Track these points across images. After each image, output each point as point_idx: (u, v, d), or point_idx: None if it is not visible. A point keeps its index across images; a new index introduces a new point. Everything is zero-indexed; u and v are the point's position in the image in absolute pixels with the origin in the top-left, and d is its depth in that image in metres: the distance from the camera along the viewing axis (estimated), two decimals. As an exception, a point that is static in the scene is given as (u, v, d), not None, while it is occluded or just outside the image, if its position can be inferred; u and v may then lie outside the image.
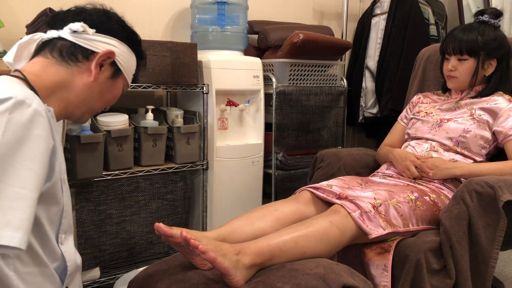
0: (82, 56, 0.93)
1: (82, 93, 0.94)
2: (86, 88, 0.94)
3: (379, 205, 1.24)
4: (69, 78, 0.92)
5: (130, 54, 1.01)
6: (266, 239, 1.09)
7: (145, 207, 1.85)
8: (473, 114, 1.51)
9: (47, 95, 0.89)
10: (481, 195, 1.19)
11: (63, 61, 0.92)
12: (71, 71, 0.92)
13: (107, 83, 0.97)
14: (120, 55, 0.97)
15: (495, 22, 1.55)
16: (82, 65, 0.93)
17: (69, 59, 0.92)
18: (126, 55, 0.99)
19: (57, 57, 0.92)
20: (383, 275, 1.20)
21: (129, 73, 1.02)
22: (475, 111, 1.52)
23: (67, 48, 0.92)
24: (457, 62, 1.54)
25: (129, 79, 1.03)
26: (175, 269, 1.11)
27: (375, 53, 2.73)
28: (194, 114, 1.98)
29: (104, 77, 0.96)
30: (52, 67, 0.91)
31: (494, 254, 1.16)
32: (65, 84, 0.92)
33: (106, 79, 0.96)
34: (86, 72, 0.93)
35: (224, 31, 2.15)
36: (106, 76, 0.96)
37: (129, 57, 1.01)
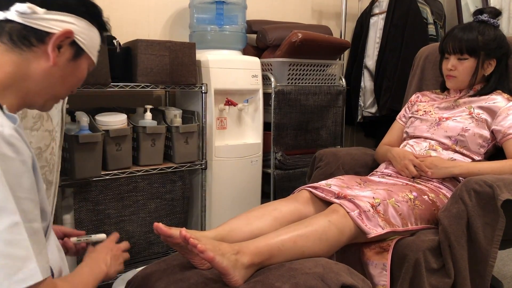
0: (36, 40, 0.81)
1: (42, 80, 0.84)
2: (46, 74, 0.83)
3: (378, 205, 1.24)
4: (25, 65, 0.81)
5: (91, 29, 0.88)
6: (265, 238, 1.09)
7: (143, 206, 1.85)
8: (471, 113, 1.51)
9: (2, 89, 0.80)
10: (479, 194, 1.19)
11: (15, 47, 0.81)
12: (25, 57, 0.81)
13: (69, 66, 0.86)
14: (80, 33, 0.85)
15: (495, 22, 1.55)
16: (38, 49, 0.82)
17: (22, 44, 0.81)
18: (87, 31, 0.87)
19: (7, 42, 0.81)
20: (382, 275, 1.20)
21: (93, 51, 0.90)
22: (473, 109, 1.52)
23: (18, 32, 0.81)
24: (457, 62, 1.54)
25: (94, 57, 0.92)
26: (173, 269, 1.11)
27: (374, 53, 2.73)
28: (192, 113, 1.98)
29: (65, 59, 0.85)
30: (2, 55, 0.81)
31: (493, 253, 1.16)
32: (21, 73, 0.82)
33: (67, 62, 0.86)
34: (43, 57, 0.82)
35: (223, 31, 2.14)
36: (66, 58, 0.85)
37: (91, 33, 0.88)
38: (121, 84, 1.73)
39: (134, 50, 1.78)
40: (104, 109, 1.80)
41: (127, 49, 1.81)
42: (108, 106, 1.89)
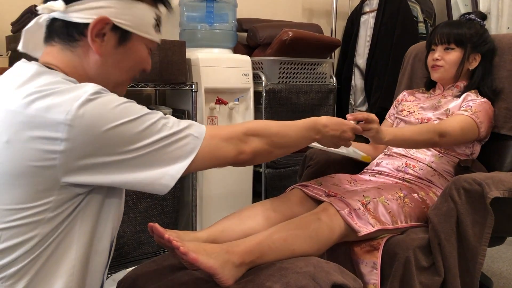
0: (77, 34, 0.80)
1: (97, 72, 0.83)
2: (98, 66, 0.82)
3: (368, 203, 1.24)
4: (79, 61, 0.82)
5: (135, 5, 0.82)
6: (255, 237, 1.09)
7: (133, 206, 1.83)
8: (448, 115, 1.52)
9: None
10: (469, 192, 1.20)
11: (66, 45, 0.81)
12: (76, 54, 0.81)
13: (118, 52, 0.83)
14: (119, 15, 0.80)
15: (481, 21, 1.59)
16: (83, 43, 0.80)
17: (68, 41, 0.81)
18: (128, 10, 0.81)
19: (58, 42, 0.81)
20: (372, 273, 1.20)
21: (143, 28, 0.84)
22: (449, 111, 1.52)
23: (61, 29, 0.81)
24: (443, 52, 1.56)
25: (147, 34, 0.85)
26: (164, 269, 1.10)
27: (365, 51, 2.73)
28: (183, 112, 1.97)
29: (111, 46, 0.82)
30: (59, 55, 0.81)
31: (482, 251, 1.17)
32: (79, 68, 0.82)
33: (115, 48, 0.82)
34: (90, 50, 0.81)
35: (213, 29, 2.13)
36: (112, 44, 0.82)
37: (135, 10, 0.82)
38: (110, 83, 1.71)
39: (124, 49, 1.76)
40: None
41: (116, 47, 1.79)
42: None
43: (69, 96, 0.71)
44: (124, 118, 0.74)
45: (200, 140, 0.81)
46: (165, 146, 0.77)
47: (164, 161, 0.77)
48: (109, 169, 0.74)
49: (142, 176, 0.76)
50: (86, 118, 0.70)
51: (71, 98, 0.71)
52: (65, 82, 0.76)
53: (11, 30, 1.81)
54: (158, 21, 0.88)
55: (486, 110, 1.47)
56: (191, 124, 0.82)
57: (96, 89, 0.74)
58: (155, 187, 0.77)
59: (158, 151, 0.76)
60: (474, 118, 1.43)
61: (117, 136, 0.73)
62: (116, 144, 0.73)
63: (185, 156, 0.79)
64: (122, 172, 0.75)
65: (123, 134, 0.73)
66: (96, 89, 0.74)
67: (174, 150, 0.78)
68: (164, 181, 0.77)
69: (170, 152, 0.78)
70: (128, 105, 0.76)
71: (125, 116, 0.74)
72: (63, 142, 0.70)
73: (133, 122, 0.75)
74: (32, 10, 1.65)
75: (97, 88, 0.74)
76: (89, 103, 0.71)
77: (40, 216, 0.73)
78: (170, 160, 0.78)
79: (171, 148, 0.78)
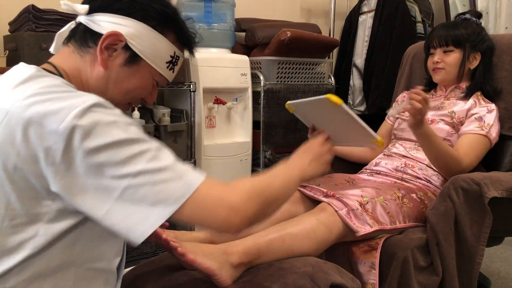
0: (91, 41, 0.81)
1: (97, 84, 0.82)
2: (99, 78, 0.82)
3: (366, 203, 1.24)
4: (84, 68, 0.81)
5: (155, 36, 0.83)
6: (253, 237, 1.08)
7: (132, 206, 1.83)
8: (453, 118, 1.52)
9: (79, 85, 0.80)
10: (467, 192, 1.20)
11: (78, 49, 0.81)
12: (85, 59, 0.81)
13: (122, 71, 0.83)
14: (135, 37, 0.81)
15: (477, 20, 1.60)
16: (94, 51, 0.81)
17: (81, 46, 0.81)
18: (147, 37, 0.82)
19: (74, 44, 0.82)
20: (370, 273, 1.20)
21: (156, 59, 0.84)
22: (455, 114, 1.52)
23: (80, 33, 0.81)
24: (443, 54, 1.56)
25: (158, 68, 0.85)
26: (162, 269, 1.10)
27: (363, 51, 2.73)
28: (181, 112, 1.96)
29: (118, 63, 0.82)
30: (70, 57, 0.82)
31: (480, 251, 1.17)
32: (82, 74, 0.82)
33: (120, 66, 0.82)
34: (97, 60, 0.81)
35: (211, 29, 2.13)
36: (119, 63, 0.82)
37: (154, 40, 0.83)
38: (108, 82, 1.71)
39: (122, 48, 1.76)
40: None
41: (114, 47, 1.79)
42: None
43: (67, 104, 0.67)
44: (117, 137, 0.67)
45: (192, 190, 0.70)
46: (155, 182, 0.68)
47: (148, 199, 0.67)
48: (90, 193, 0.67)
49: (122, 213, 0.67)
50: (77, 130, 0.65)
51: (68, 106, 0.67)
52: (65, 86, 0.74)
53: (9, 29, 1.80)
54: (174, 59, 0.88)
55: (496, 118, 1.49)
56: (187, 170, 0.72)
57: (96, 100, 0.69)
58: (130, 233, 0.68)
59: (146, 185, 0.67)
60: (489, 136, 1.44)
61: (105, 156, 0.66)
62: (103, 164, 0.66)
63: (170, 202, 0.68)
64: (102, 200, 0.67)
65: (112, 155, 0.67)
66: (97, 101, 0.69)
67: (162, 191, 0.68)
68: (142, 227, 0.67)
69: (158, 191, 0.68)
70: (126, 125, 0.70)
71: (119, 136, 0.67)
72: (50, 152, 0.66)
73: (126, 144, 0.68)
74: (30, 9, 1.65)
75: (98, 100, 0.70)
76: (85, 115, 0.67)
77: (33, 224, 0.69)
78: (155, 201, 0.68)
79: (159, 187, 0.68)
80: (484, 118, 1.46)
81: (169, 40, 0.85)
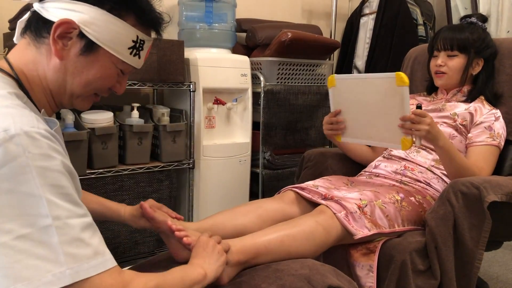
0: (45, 31, 0.74)
1: (55, 76, 0.76)
2: (56, 70, 0.76)
3: (365, 206, 1.23)
4: (40, 60, 0.75)
5: (114, 22, 0.76)
6: (251, 237, 1.08)
7: (130, 206, 1.82)
8: (456, 120, 1.51)
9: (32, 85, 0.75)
10: (466, 196, 1.19)
11: (33, 40, 0.75)
12: (40, 51, 0.75)
13: (80, 60, 0.76)
14: (89, 24, 0.74)
15: (482, 25, 1.58)
16: (47, 40, 0.75)
17: (36, 36, 0.75)
18: (103, 22, 0.75)
19: (29, 35, 0.75)
20: (368, 276, 1.19)
21: (115, 46, 0.78)
22: (457, 116, 1.51)
23: (34, 23, 0.75)
24: (447, 58, 1.55)
25: (119, 54, 0.79)
26: (159, 269, 1.09)
27: (364, 53, 2.73)
28: (180, 112, 1.96)
29: (74, 53, 0.75)
30: (26, 49, 0.76)
31: (479, 255, 1.17)
32: (39, 68, 0.76)
33: (76, 56, 0.76)
34: (50, 49, 0.75)
35: (212, 29, 2.13)
36: (75, 52, 0.76)
37: (111, 25, 0.76)
38: (108, 81, 1.70)
39: (121, 47, 1.75)
40: (90, 107, 1.77)
41: (114, 46, 1.78)
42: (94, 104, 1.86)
43: None
44: (25, 185, 0.59)
45: (78, 279, 0.60)
46: (26, 254, 0.58)
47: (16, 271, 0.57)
48: None
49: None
50: None
51: None
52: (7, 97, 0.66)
53: (9, 27, 1.80)
54: (138, 44, 0.81)
55: (503, 125, 1.49)
56: (88, 256, 0.61)
57: (20, 130, 0.60)
58: None
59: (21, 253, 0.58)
60: (500, 146, 1.45)
61: (2, 202, 0.58)
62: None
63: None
64: None
65: (10, 202, 0.58)
66: (20, 131, 0.60)
67: (27, 267, 0.57)
68: None
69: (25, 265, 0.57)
70: (45, 173, 0.60)
71: (27, 183, 0.59)
72: None
73: (32, 199, 0.59)
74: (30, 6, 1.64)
75: (25, 129, 0.61)
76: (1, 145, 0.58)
77: None
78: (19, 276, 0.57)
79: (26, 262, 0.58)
80: (493, 127, 1.46)
81: (129, 23, 0.79)
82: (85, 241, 0.62)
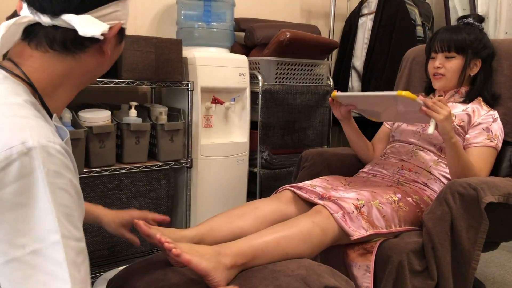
0: (90, 42, 0.77)
1: (93, 69, 0.81)
2: (97, 65, 0.81)
3: (362, 206, 1.23)
4: (78, 64, 0.78)
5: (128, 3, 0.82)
6: (248, 239, 1.08)
7: (127, 205, 1.82)
8: (453, 121, 1.51)
9: (54, 89, 0.77)
10: (464, 197, 1.19)
11: (69, 52, 0.77)
12: (79, 58, 0.78)
13: (116, 50, 0.83)
14: (125, 16, 0.80)
15: (479, 25, 1.58)
16: (91, 49, 0.78)
17: (75, 49, 0.77)
18: (127, 10, 0.81)
19: (59, 49, 0.76)
20: (365, 276, 1.19)
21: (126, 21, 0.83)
22: (455, 118, 1.51)
23: (72, 39, 0.76)
24: (444, 60, 1.55)
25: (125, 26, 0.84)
26: (156, 269, 1.09)
27: (362, 53, 2.73)
28: (178, 111, 1.95)
29: (113, 46, 0.81)
30: (56, 60, 0.76)
31: (476, 256, 1.17)
32: (73, 71, 0.78)
33: (115, 47, 0.82)
34: (96, 52, 0.79)
35: (210, 28, 2.12)
36: (113, 44, 0.81)
37: (128, 6, 0.82)
38: (105, 80, 1.70)
39: (120, 46, 1.75)
40: (88, 105, 1.77)
41: (112, 44, 1.78)
42: (92, 102, 1.86)
43: (4, 138, 0.60)
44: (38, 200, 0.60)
45: None
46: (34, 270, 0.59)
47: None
48: None
49: None
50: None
51: (3, 143, 0.60)
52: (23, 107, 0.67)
53: (6, 25, 1.79)
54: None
55: (500, 126, 1.49)
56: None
57: (38, 144, 0.61)
58: None
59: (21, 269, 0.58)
60: (497, 147, 1.46)
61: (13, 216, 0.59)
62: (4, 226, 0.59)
63: None
64: None
65: (23, 217, 0.59)
66: (38, 144, 0.61)
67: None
68: None
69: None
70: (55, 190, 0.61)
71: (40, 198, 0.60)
72: None
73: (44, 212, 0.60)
74: (28, 5, 1.64)
75: (42, 143, 0.61)
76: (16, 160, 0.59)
77: None
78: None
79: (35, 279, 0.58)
80: (491, 128, 1.46)
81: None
82: (78, 266, 0.62)
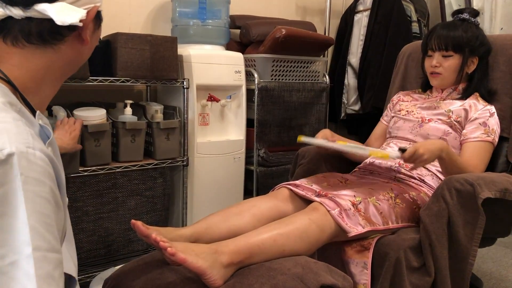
0: (68, 30, 0.74)
1: (74, 59, 0.78)
2: (78, 54, 0.77)
3: (359, 203, 1.23)
4: (58, 56, 0.75)
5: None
6: (245, 237, 1.07)
7: (123, 204, 1.81)
8: (450, 117, 1.51)
9: (37, 85, 0.73)
10: (460, 193, 1.19)
11: (47, 44, 0.73)
12: (58, 49, 0.74)
13: (95, 35, 0.79)
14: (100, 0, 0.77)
15: (475, 21, 1.57)
16: (70, 37, 0.75)
17: (54, 40, 0.73)
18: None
19: (36, 42, 0.73)
20: (363, 273, 1.19)
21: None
22: (452, 113, 1.51)
23: (48, 29, 0.72)
24: (442, 58, 1.54)
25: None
26: (152, 267, 1.09)
27: (358, 50, 2.73)
28: (174, 109, 1.95)
29: (91, 32, 0.77)
30: (35, 54, 0.73)
31: (473, 251, 1.17)
32: (54, 63, 0.75)
33: (94, 33, 0.79)
34: (75, 41, 0.75)
35: (206, 25, 2.11)
36: (92, 30, 0.77)
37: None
38: (100, 78, 1.69)
39: (114, 44, 1.74)
40: (83, 104, 1.76)
41: (107, 42, 1.77)
42: (87, 101, 1.85)
43: None
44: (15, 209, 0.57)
45: None
46: None
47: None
48: None
49: None
50: None
51: None
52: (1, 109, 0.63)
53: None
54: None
55: (497, 121, 1.49)
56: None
57: (16, 150, 0.58)
58: None
59: None
60: (494, 142, 1.46)
61: None
62: None
63: None
64: None
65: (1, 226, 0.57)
66: (16, 150, 0.58)
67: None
68: None
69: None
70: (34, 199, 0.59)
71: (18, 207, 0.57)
72: None
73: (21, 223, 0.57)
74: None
75: (21, 149, 0.59)
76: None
77: None
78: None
79: None
80: (488, 122, 1.46)
81: None
82: (55, 280, 0.59)
